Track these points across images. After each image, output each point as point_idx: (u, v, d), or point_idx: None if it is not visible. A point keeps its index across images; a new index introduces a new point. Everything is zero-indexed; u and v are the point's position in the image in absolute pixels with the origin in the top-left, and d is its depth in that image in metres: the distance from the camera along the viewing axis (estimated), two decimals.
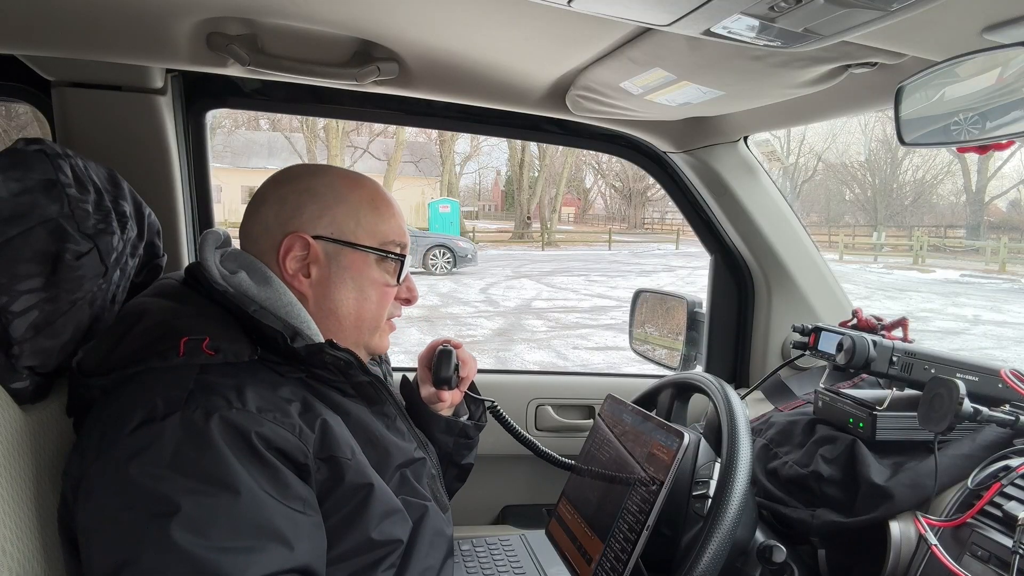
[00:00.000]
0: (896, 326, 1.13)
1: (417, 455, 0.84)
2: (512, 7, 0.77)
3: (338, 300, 0.82)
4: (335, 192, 0.83)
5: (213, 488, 0.60)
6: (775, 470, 1.03)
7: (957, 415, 0.78)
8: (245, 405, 0.66)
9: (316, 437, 0.70)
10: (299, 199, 0.82)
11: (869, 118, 28.04)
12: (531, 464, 1.27)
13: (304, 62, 0.97)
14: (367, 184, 0.86)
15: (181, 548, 0.57)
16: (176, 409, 0.64)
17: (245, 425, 0.64)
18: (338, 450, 0.71)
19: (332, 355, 0.76)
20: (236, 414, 0.65)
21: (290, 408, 0.70)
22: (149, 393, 0.66)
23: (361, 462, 0.73)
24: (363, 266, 0.83)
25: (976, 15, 0.63)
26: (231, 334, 0.72)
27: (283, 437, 0.66)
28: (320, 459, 0.70)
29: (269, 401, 0.69)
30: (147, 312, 0.73)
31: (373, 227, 0.84)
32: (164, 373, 0.68)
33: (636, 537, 0.82)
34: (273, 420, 0.67)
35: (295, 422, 0.69)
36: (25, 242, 0.69)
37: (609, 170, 35.33)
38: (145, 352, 0.69)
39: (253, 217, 0.83)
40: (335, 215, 0.82)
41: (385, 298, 0.86)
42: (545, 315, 9.70)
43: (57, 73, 1.08)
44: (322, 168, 0.86)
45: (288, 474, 0.65)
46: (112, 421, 0.65)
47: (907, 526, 0.84)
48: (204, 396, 0.65)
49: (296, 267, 0.81)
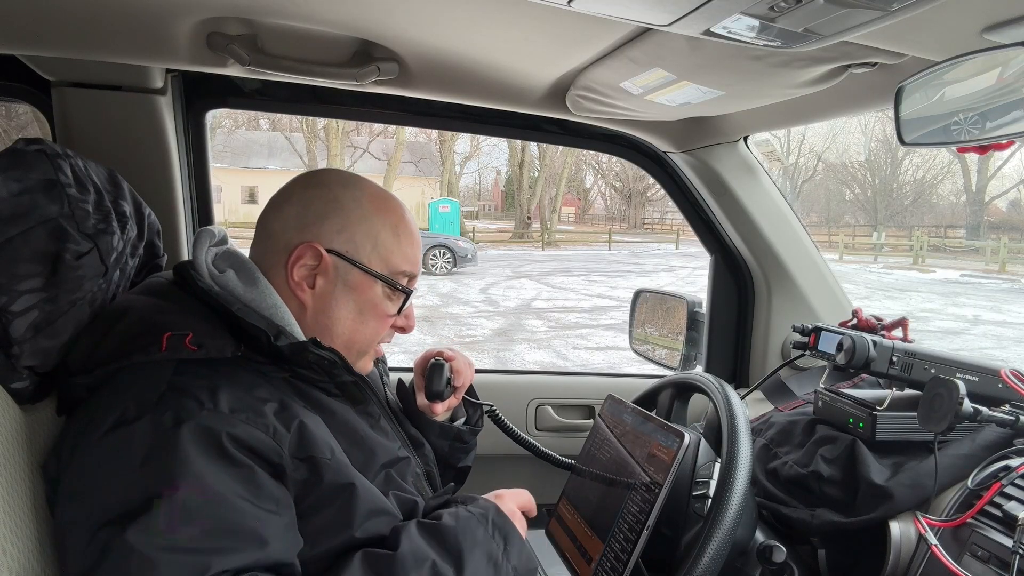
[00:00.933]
0: (896, 326, 1.13)
1: (401, 454, 0.84)
2: (512, 7, 0.77)
3: (335, 317, 0.82)
4: (361, 209, 0.82)
5: (182, 492, 0.60)
6: (775, 470, 1.03)
7: (957, 415, 0.78)
8: (217, 406, 0.66)
9: (292, 437, 0.69)
10: (324, 207, 0.81)
11: (869, 118, 28.06)
12: (531, 464, 1.27)
13: (304, 62, 0.97)
14: (395, 208, 0.85)
15: (147, 552, 0.57)
16: (147, 412, 0.64)
17: (216, 427, 0.64)
18: (316, 450, 0.70)
19: (316, 354, 0.76)
20: (207, 416, 0.65)
21: (265, 408, 0.69)
22: (123, 395, 0.66)
23: (341, 462, 0.73)
24: (368, 290, 0.82)
25: (976, 15, 0.63)
26: (214, 331, 0.72)
27: (256, 437, 0.66)
28: (298, 459, 0.69)
29: (243, 401, 0.68)
30: (131, 309, 0.74)
31: (388, 254, 0.83)
32: (141, 372, 0.68)
33: (636, 537, 0.82)
34: (246, 420, 0.66)
35: (269, 422, 0.68)
36: (25, 242, 0.69)
37: (609, 170, 35.35)
38: (128, 348, 0.70)
39: (275, 212, 0.83)
40: (354, 233, 0.81)
41: (382, 326, 0.85)
42: (545, 315, 9.70)
43: (57, 73, 1.08)
44: (354, 180, 0.85)
45: (261, 474, 0.65)
46: (86, 424, 0.66)
47: (907, 526, 0.84)
48: (175, 398, 0.65)
49: (303, 275, 0.80)
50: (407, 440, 0.91)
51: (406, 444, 0.90)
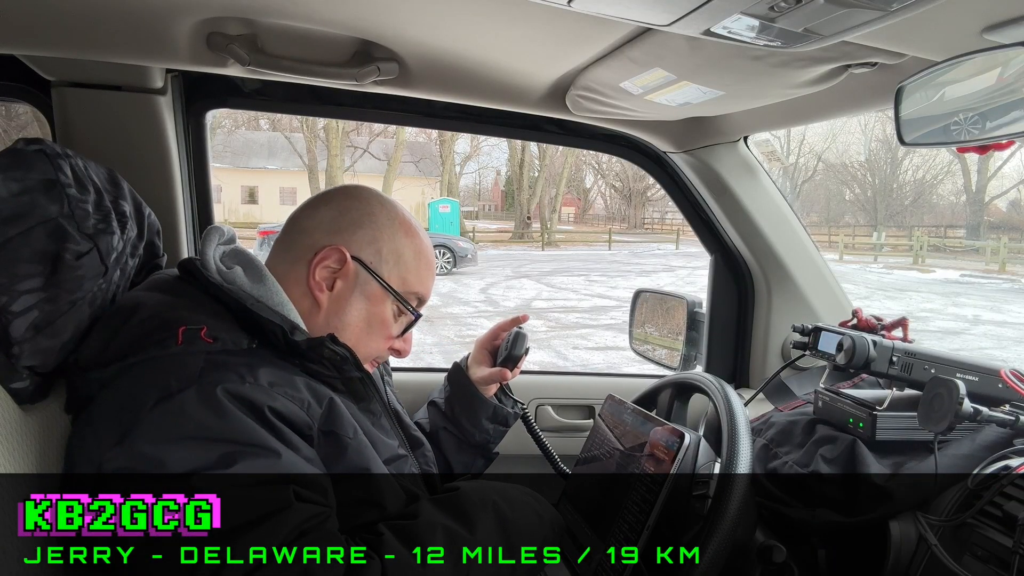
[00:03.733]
0: (896, 326, 1.13)
1: (400, 452, 0.86)
2: (512, 7, 0.77)
3: (346, 322, 0.84)
4: (392, 227, 0.87)
5: (250, 448, 0.63)
6: (775, 470, 1.03)
7: (957, 415, 0.78)
8: (257, 380, 0.69)
9: (323, 412, 0.73)
10: (359, 217, 0.85)
11: (869, 118, 28.02)
12: (531, 464, 1.27)
13: (304, 62, 0.97)
14: (420, 235, 0.90)
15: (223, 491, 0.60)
16: (191, 384, 0.66)
17: (259, 399, 0.67)
18: (341, 428, 0.74)
19: (332, 349, 0.77)
20: (249, 388, 0.67)
21: (299, 383, 0.73)
22: (159, 375, 0.67)
23: (362, 443, 0.76)
24: (380, 303, 0.86)
25: (976, 15, 0.63)
26: (227, 325, 0.74)
27: (293, 411, 0.69)
28: (322, 431, 0.73)
29: (280, 377, 0.71)
30: (142, 305, 0.74)
31: (406, 273, 0.87)
32: (167, 360, 0.69)
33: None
34: (284, 395, 0.70)
35: (304, 396, 0.72)
36: (25, 242, 0.69)
37: (609, 170, 35.32)
38: (143, 342, 0.70)
39: (310, 211, 0.87)
40: (381, 246, 0.85)
41: (383, 340, 0.88)
42: (545, 315, 9.70)
43: (57, 73, 1.08)
44: (390, 201, 0.90)
45: (300, 441, 0.69)
46: (125, 406, 0.66)
47: (907, 526, 0.84)
48: (217, 372, 0.67)
49: (324, 276, 0.83)
50: (405, 440, 0.93)
51: (404, 444, 0.91)
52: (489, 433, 1.09)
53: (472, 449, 1.10)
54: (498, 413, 1.09)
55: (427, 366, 2.54)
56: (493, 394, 1.11)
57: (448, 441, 1.09)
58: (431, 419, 1.12)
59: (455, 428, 1.09)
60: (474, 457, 1.10)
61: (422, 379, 1.41)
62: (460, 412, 1.09)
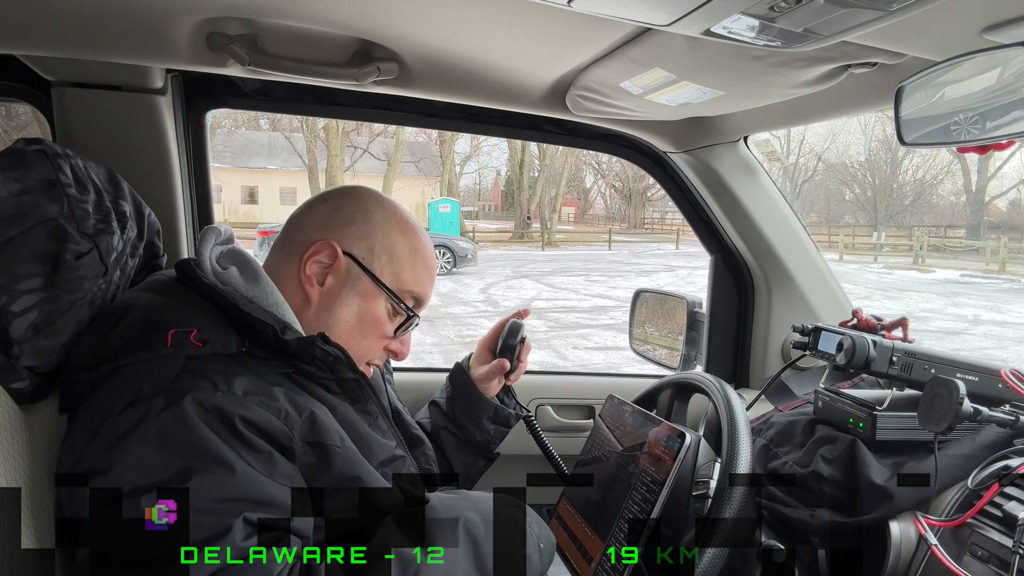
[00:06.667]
0: (896, 326, 1.13)
1: (398, 453, 0.86)
2: (512, 7, 0.77)
3: (336, 318, 0.83)
4: (386, 224, 0.86)
5: (205, 464, 0.62)
6: (775, 470, 1.03)
7: (957, 415, 0.78)
8: (231, 388, 0.68)
9: (304, 423, 0.71)
10: (353, 214, 0.85)
11: (869, 118, 28.03)
12: (531, 464, 1.27)
13: (304, 62, 0.97)
14: (418, 235, 0.89)
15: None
16: (161, 390, 0.65)
17: (230, 408, 0.66)
18: (327, 437, 0.73)
19: (323, 349, 0.77)
20: (221, 397, 0.66)
21: (277, 392, 0.71)
22: (136, 379, 0.67)
23: (351, 451, 0.75)
24: (372, 300, 0.84)
25: (976, 15, 0.63)
26: (218, 327, 0.73)
27: (268, 420, 0.68)
28: (307, 443, 0.71)
29: (256, 385, 0.70)
30: (134, 306, 0.74)
31: (400, 270, 0.86)
32: (151, 363, 0.69)
33: (636, 537, 0.82)
34: (259, 404, 0.68)
35: (281, 406, 0.70)
36: (25, 242, 0.69)
37: (609, 170, 35.33)
38: (133, 344, 0.70)
39: (308, 209, 0.87)
40: (374, 243, 0.84)
41: (378, 340, 0.86)
42: (545, 315, 9.69)
43: (57, 73, 1.08)
44: (388, 202, 0.89)
45: (274, 454, 0.67)
46: (100, 407, 0.67)
47: (907, 526, 0.84)
48: (190, 379, 0.67)
49: (314, 271, 0.82)
50: (403, 440, 0.92)
51: (402, 444, 0.91)
52: (490, 433, 1.09)
53: (473, 449, 1.09)
54: (499, 413, 1.09)
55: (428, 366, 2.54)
56: (496, 395, 1.11)
57: (449, 441, 1.10)
58: (432, 419, 1.12)
59: (456, 428, 1.09)
60: (475, 457, 1.10)
61: (423, 379, 1.41)
62: (461, 412, 1.09)
